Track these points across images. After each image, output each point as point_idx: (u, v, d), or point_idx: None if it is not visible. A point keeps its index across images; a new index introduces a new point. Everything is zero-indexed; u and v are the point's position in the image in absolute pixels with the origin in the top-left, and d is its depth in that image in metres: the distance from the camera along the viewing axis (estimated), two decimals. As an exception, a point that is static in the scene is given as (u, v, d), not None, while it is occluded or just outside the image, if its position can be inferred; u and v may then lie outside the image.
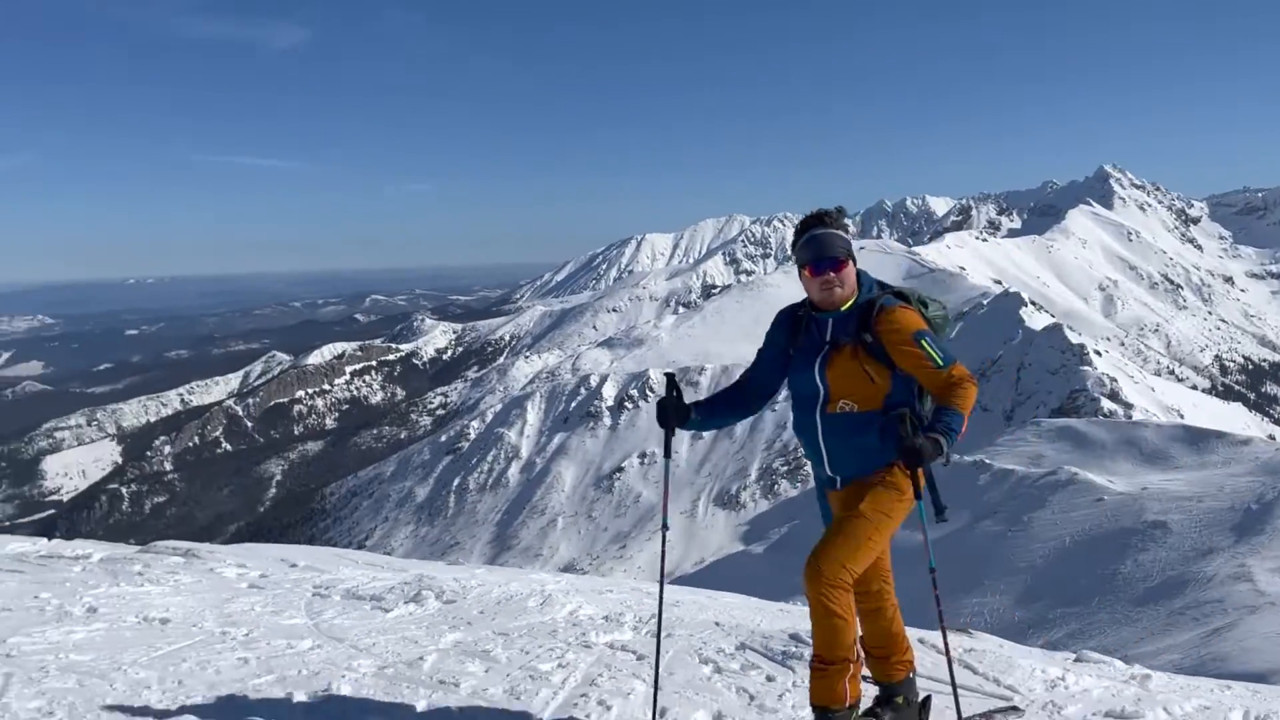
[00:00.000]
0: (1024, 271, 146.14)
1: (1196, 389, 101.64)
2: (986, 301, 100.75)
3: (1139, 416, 61.22)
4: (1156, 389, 77.47)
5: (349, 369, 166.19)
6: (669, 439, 3.85)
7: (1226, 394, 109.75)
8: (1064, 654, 6.41)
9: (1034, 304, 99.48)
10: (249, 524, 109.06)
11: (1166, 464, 32.28)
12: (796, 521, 43.58)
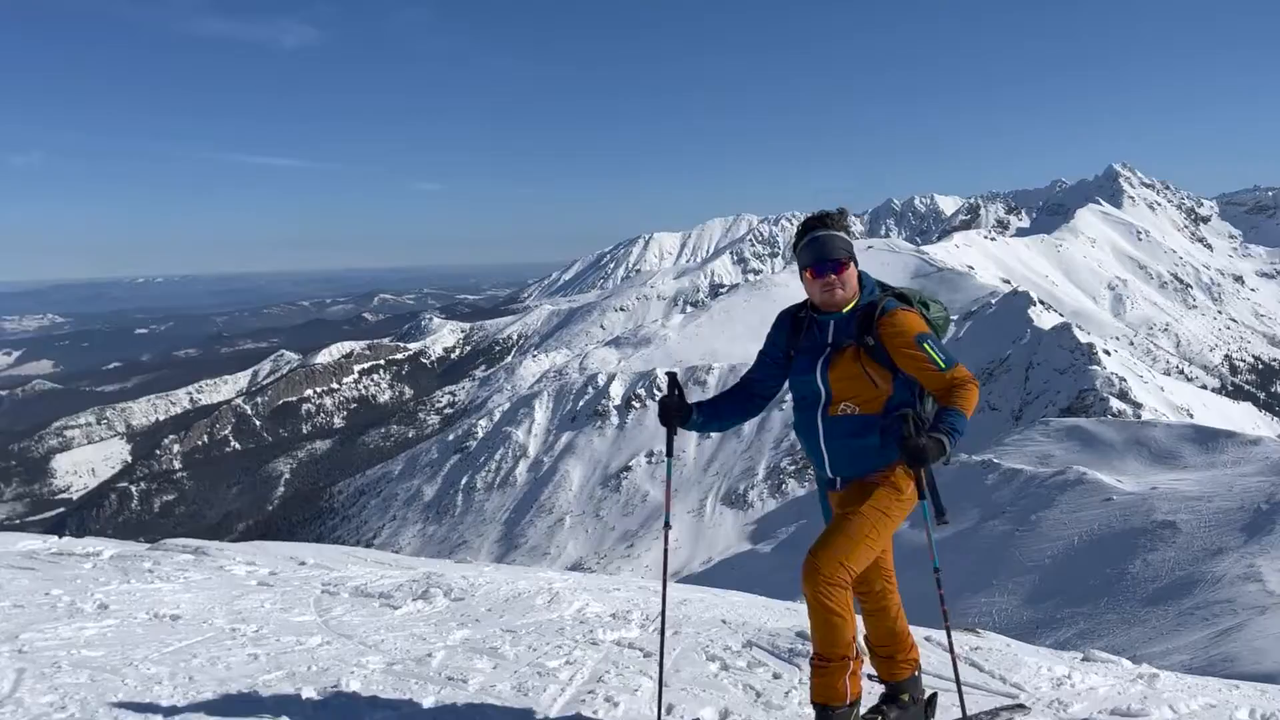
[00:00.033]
0: (1032, 271, 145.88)
1: (1206, 388, 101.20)
2: (995, 301, 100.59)
3: (1148, 416, 61.04)
4: (1166, 388, 77.14)
5: (357, 368, 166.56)
6: (671, 438, 3.86)
7: (1236, 393, 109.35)
8: (1071, 653, 6.40)
9: (1042, 303, 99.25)
10: (257, 522, 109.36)
11: (1176, 464, 32.18)
12: (804, 521, 43.56)
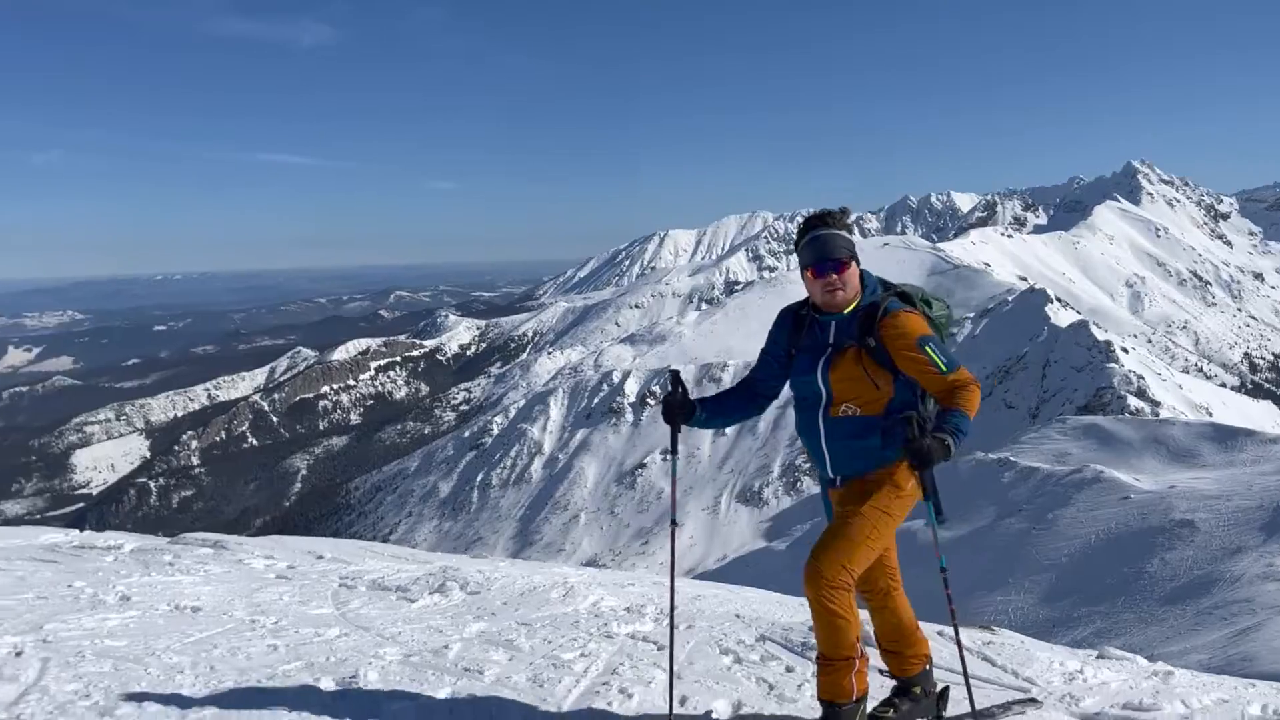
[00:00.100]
0: (1050, 268, 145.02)
1: (1225, 386, 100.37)
2: (1012, 298, 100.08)
3: (1166, 414, 60.61)
4: (1184, 386, 76.56)
5: (374, 364, 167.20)
6: (675, 436, 3.87)
7: (1256, 392, 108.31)
8: (1086, 651, 6.40)
9: (1060, 300, 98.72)
10: (275, 518, 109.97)
11: (1194, 462, 31.92)
12: (819, 518, 43.40)
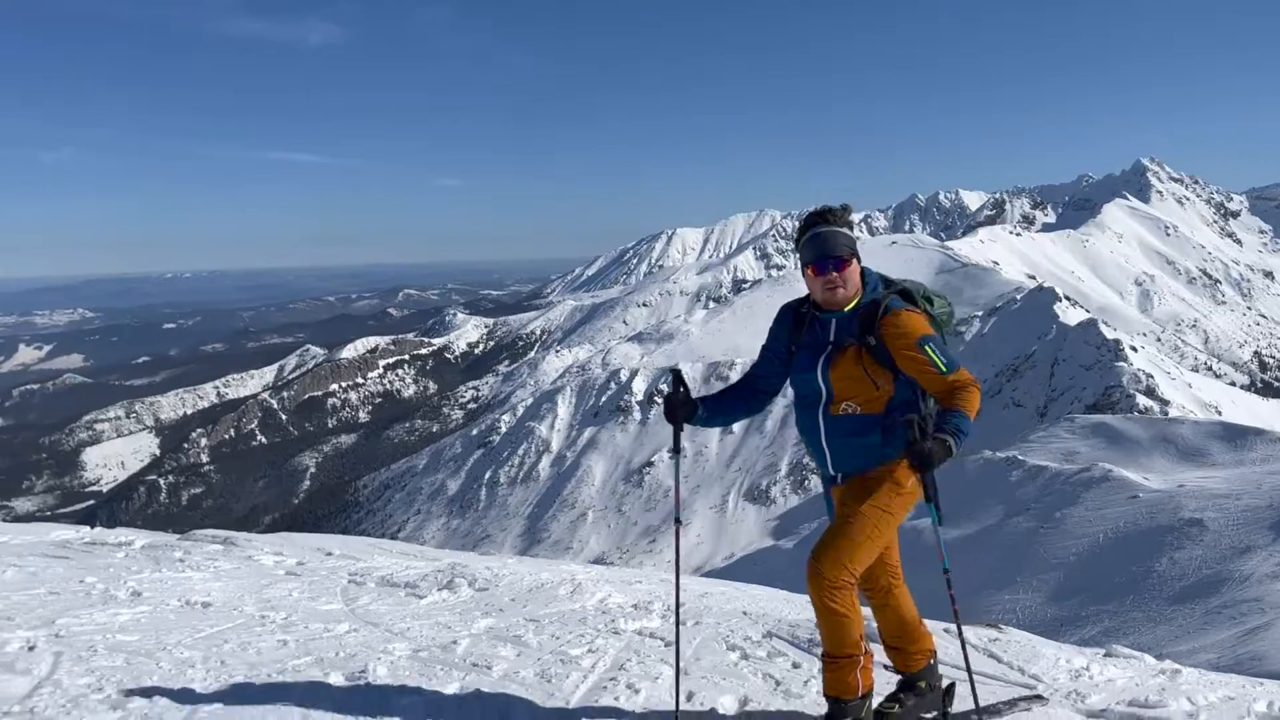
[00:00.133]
0: (1058, 266, 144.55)
1: (1235, 385, 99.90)
2: (1020, 296, 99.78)
3: (1175, 413, 60.42)
4: (1194, 385, 76.22)
5: (382, 363, 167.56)
6: (678, 435, 3.87)
7: (1266, 390, 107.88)
8: (1093, 649, 6.40)
9: (1068, 299, 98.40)
10: (284, 515, 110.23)
11: (1203, 461, 31.80)
12: (826, 517, 43.28)
